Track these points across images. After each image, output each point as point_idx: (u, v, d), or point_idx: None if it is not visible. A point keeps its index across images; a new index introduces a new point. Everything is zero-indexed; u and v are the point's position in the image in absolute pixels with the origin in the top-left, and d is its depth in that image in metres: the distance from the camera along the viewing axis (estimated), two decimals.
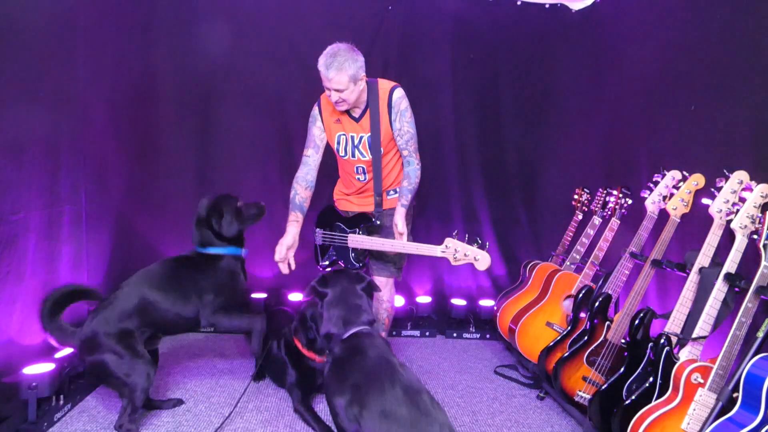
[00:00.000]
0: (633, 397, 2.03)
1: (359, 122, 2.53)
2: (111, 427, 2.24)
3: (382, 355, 1.78)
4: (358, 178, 2.64)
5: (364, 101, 2.49)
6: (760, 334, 1.74)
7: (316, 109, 2.61)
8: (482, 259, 2.34)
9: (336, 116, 2.56)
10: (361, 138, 2.54)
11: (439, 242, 3.93)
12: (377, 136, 2.51)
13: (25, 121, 2.22)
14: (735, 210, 1.98)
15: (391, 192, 2.67)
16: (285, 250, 2.49)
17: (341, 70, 2.31)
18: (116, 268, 3.03)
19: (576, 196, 3.37)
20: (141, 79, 3.30)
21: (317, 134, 2.61)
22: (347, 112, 2.54)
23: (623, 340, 2.40)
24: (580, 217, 3.33)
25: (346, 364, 1.78)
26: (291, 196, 2.60)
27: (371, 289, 2.15)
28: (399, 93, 2.52)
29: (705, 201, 2.17)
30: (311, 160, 2.62)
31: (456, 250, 2.36)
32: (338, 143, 2.59)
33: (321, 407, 2.45)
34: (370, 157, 2.55)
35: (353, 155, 2.58)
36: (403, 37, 3.68)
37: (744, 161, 2.20)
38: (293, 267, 2.54)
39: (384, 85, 2.53)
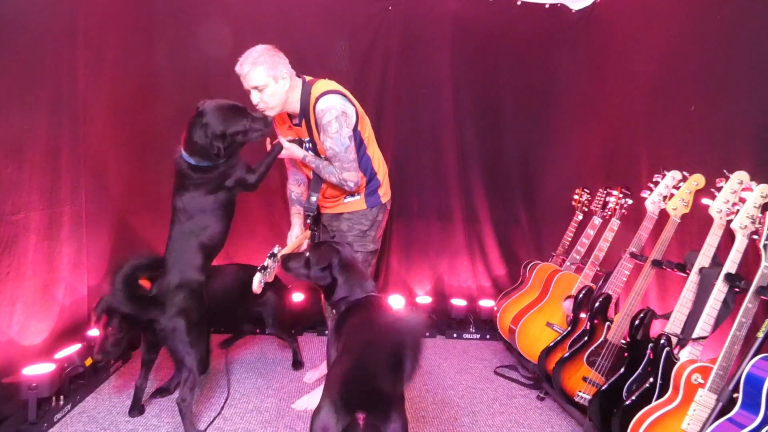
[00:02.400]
0: (633, 398, 2.03)
1: (300, 127, 2.42)
2: (111, 427, 2.24)
3: (373, 315, 1.82)
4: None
5: (297, 107, 2.33)
6: (760, 335, 1.74)
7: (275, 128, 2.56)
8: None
9: (286, 124, 2.48)
10: (309, 141, 2.45)
11: (438, 242, 3.96)
12: (315, 141, 2.40)
13: (25, 121, 2.22)
14: (735, 210, 1.98)
15: (349, 197, 2.53)
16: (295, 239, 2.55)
17: (256, 63, 2.19)
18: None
19: (576, 196, 3.37)
20: (141, 79, 3.30)
21: None
22: (290, 119, 2.43)
23: (623, 341, 2.40)
24: (580, 217, 3.33)
25: (345, 319, 1.86)
26: (288, 194, 2.69)
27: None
28: (323, 104, 2.25)
29: (705, 201, 2.17)
30: (291, 163, 2.68)
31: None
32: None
33: None
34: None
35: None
36: (403, 37, 3.68)
37: (744, 161, 2.20)
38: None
39: (316, 89, 2.30)
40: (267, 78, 2.21)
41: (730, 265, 1.93)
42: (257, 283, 2.07)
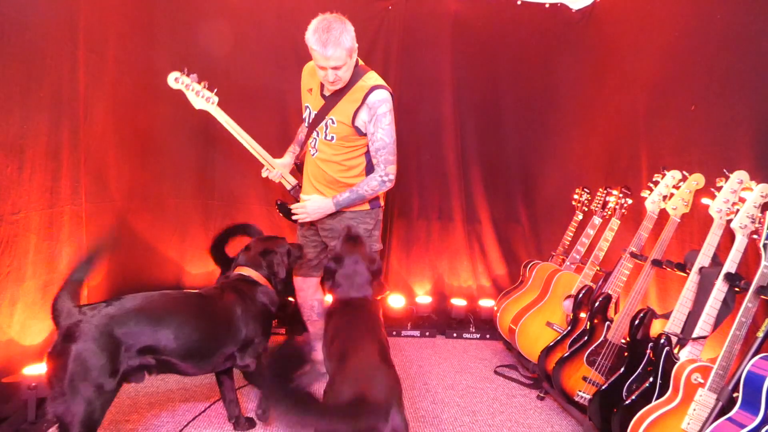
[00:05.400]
0: (633, 397, 2.03)
1: (322, 99, 2.40)
2: (111, 426, 2.24)
3: (353, 320, 1.89)
4: (311, 152, 2.52)
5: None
6: (760, 334, 1.74)
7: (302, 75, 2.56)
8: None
9: (309, 86, 2.45)
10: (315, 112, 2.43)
11: (438, 242, 3.96)
12: (321, 116, 2.37)
13: (26, 121, 2.22)
14: (735, 210, 1.98)
15: (346, 193, 2.43)
16: (277, 167, 2.61)
17: (339, 44, 2.11)
18: (116, 268, 3.03)
19: (576, 196, 3.37)
20: (141, 79, 3.30)
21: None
22: (321, 84, 2.38)
23: (623, 340, 2.40)
24: (580, 217, 3.33)
25: (331, 322, 1.95)
26: (297, 131, 2.73)
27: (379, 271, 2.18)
28: (380, 95, 2.28)
29: (705, 201, 2.17)
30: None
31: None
32: (305, 112, 2.51)
33: None
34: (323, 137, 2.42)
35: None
36: (403, 36, 3.68)
37: (744, 161, 2.20)
38: (289, 181, 2.68)
39: (370, 79, 2.33)
40: (347, 57, 2.17)
41: (730, 264, 1.93)
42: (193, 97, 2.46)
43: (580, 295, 2.66)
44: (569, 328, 2.64)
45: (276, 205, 2.72)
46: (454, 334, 3.65)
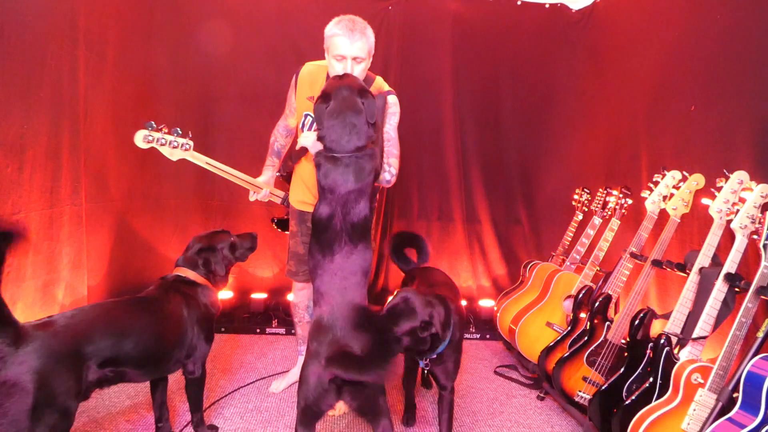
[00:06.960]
0: (633, 398, 2.03)
1: None
2: (110, 427, 2.24)
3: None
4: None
5: None
6: (760, 334, 1.74)
7: (294, 80, 2.43)
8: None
9: (310, 94, 2.38)
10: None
11: (438, 242, 3.96)
12: None
13: (26, 121, 2.22)
14: (735, 210, 1.98)
15: None
16: (264, 186, 2.52)
17: (365, 35, 2.05)
18: (116, 268, 3.03)
19: (576, 196, 3.37)
20: (141, 79, 3.30)
21: (292, 102, 2.48)
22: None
23: (623, 340, 2.40)
24: (580, 217, 3.33)
25: None
26: (270, 142, 2.60)
27: None
28: (395, 99, 2.31)
29: (705, 201, 2.17)
30: (290, 119, 2.54)
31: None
32: (303, 124, 2.40)
33: None
34: None
35: None
36: (403, 37, 3.69)
37: (744, 161, 2.20)
38: (278, 195, 2.62)
39: (382, 83, 2.35)
40: (368, 53, 2.12)
41: (730, 265, 1.93)
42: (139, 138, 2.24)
43: (580, 296, 2.66)
44: (569, 328, 2.64)
45: (273, 223, 2.70)
46: None
